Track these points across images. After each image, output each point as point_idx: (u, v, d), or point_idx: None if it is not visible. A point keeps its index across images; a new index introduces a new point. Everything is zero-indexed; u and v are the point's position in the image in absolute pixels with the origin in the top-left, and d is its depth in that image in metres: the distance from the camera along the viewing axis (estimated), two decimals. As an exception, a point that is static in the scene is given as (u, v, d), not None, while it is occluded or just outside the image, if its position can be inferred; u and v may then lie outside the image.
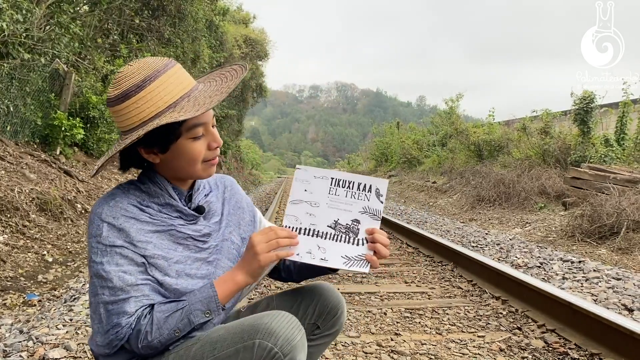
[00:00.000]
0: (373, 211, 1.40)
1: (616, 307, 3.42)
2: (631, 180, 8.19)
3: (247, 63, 1.46)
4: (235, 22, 26.19)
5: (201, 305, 1.24)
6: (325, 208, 1.38)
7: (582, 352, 2.70)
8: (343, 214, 1.39)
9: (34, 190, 6.20)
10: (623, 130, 12.66)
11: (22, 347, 2.59)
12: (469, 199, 12.54)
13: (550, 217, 9.05)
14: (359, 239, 1.38)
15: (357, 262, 1.36)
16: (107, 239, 1.23)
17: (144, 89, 1.24)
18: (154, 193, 1.34)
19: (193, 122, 1.27)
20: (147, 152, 1.31)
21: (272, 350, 1.16)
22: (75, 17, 9.00)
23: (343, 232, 1.37)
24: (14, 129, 7.65)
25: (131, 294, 1.21)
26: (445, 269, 4.91)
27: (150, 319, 1.21)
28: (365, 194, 1.40)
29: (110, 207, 1.26)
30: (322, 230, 1.37)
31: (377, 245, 1.36)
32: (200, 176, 1.37)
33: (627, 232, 6.44)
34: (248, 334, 1.18)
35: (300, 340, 1.20)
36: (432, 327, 3.17)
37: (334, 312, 1.50)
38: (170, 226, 1.32)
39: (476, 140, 17.14)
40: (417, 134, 27.35)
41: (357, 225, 1.39)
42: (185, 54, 14.37)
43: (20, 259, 4.83)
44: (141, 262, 1.25)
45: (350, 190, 1.40)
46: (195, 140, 1.29)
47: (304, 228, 1.36)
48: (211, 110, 1.31)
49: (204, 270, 1.35)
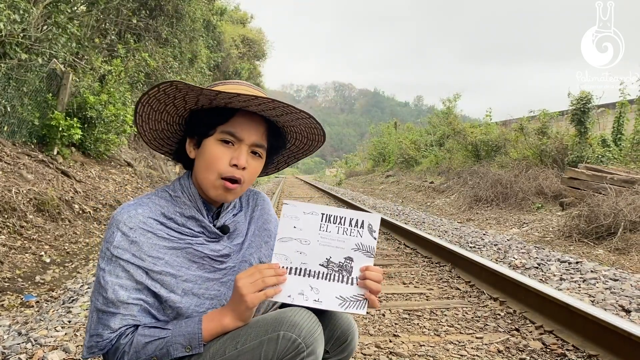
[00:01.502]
0: (366, 248, 1.32)
1: (613, 308, 3.43)
2: (628, 180, 8.22)
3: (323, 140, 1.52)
4: (232, 22, 26.18)
5: (183, 340, 1.22)
6: (317, 246, 1.30)
7: (579, 354, 2.71)
8: (335, 251, 1.31)
9: (31, 190, 6.19)
10: (620, 131, 12.69)
11: (21, 349, 2.58)
12: (466, 199, 12.56)
13: (547, 217, 9.08)
14: (353, 278, 1.30)
15: (353, 302, 1.29)
16: (116, 249, 1.24)
17: (217, 86, 1.35)
18: (182, 204, 1.35)
19: (229, 127, 1.31)
20: (190, 142, 1.38)
21: (296, 341, 1.17)
22: (72, 17, 8.97)
23: (336, 271, 1.30)
24: (11, 129, 7.63)
25: (120, 310, 1.22)
26: (443, 270, 4.92)
27: (130, 341, 1.22)
28: (357, 230, 1.33)
29: (130, 217, 1.27)
30: (314, 269, 1.29)
31: (368, 281, 1.28)
32: (210, 193, 1.34)
33: (624, 233, 6.46)
34: (272, 326, 1.20)
35: (320, 335, 1.23)
36: (431, 329, 3.17)
37: (344, 338, 1.44)
38: (187, 244, 1.32)
39: (473, 140, 17.17)
40: (414, 134, 27.40)
41: (350, 263, 1.31)
42: (183, 53, 14.36)
43: (17, 260, 4.82)
44: (141, 280, 1.25)
45: (342, 226, 1.33)
46: (222, 145, 1.31)
47: (294, 267, 1.28)
48: (254, 135, 1.34)
49: (214, 291, 1.34)
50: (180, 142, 1.43)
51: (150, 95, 1.29)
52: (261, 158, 1.38)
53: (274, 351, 1.18)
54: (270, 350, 1.18)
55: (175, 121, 1.42)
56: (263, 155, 1.39)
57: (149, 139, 1.45)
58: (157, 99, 1.32)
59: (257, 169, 1.38)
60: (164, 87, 1.26)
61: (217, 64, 20.43)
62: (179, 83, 1.24)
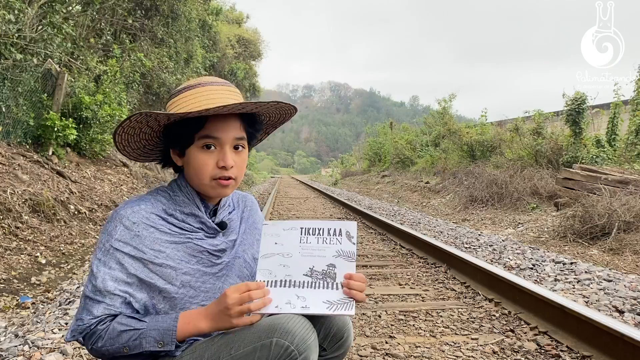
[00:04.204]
0: (347, 253, 1.38)
1: (607, 309, 3.46)
2: (622, 181, 8.28)
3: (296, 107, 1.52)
4: (228, 21, 26.16)
5: (157, 334, 1.25)
6: (299, 257, 1.36)
7: (573, 355, 2.74)
8: (317, 260, 1.36)
9: (26, 191, 6.18)
10: (614, 131, 12.78)
11: (18, 351, 2.58)
12: (461, 200, 12.60)
13: (542, 217, 9.13)
14: (337, 283, 1.35)
15: (340, 305, 1.32)
16: (117, 242, 1.29)
17: (182, 93, 1.38)
18: (181, 202, 1.41)
19: (205, 132, 1.34)
20: (173, 152, 1.43)
21: (289, 349, 1.19)
22: (67, 17, 8.96)
23: (320, 279, 1.35)
24: (6, 129, 7.61)
25: (105, 299, 1.26)
26: (438, 271, 4.94)
27: (107, 328, 1.25)
28: (336, 238, 1.39)
29: (133, 212, 1.33)
30: (299, 279, 1.34)
31: (353, 291, 1.32)
32: (208, 193, 1.40)
33: (618, 233, 6.51)
34: (265, 332, 1.22)
35: (314, 342, 1.25)
36: (426, 330, 3.19)
37: (339, 335, 1.49)
38: (187, 239, 1.37)
39: (469, 140, 17.24)
40: (410, 134, 27.47)
41: (333, 269, 1.36)
42: (179, 53, 14.35)
43: (13, 261, 4.81)
44: (135, 273, 1.29)
45: (322, 236, 1.38)
46: (205, 151, 1.35)
47: (279, 280, 1.33)
48: (232, 132, 1.37)
49: (209, 285, 1.40)
50: (165, 150, 1.47)
51: (124, 127, 1.35)
52: (244, 149, 1.42)
53: (266, 358, 1.20)
54: (263, 357, 1.21)
55: (154, 137, 1.46)
56: (245, 145, 1.43)
57: (135, 157, 1.50)
58: (132, 127, 1.37)
59: (244, 160, 1.43)
60: (135, 117, 1.32)
61: (213, 64, 20.42)
62: (150, 113, 1.30)
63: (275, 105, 1.42)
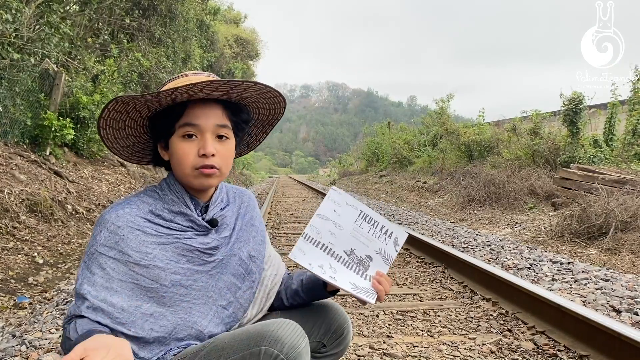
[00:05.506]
0: (386, 255, 1.46)
1: (604, 309, 3.46)
2: (619, 180, 8.29)
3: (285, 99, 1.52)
4: (226, 21, 26.14)
5: None
6: (347, 234, 1.42)
7: (571, 354, 2.74)
8: (361, 246, 1.43)
9: (23, 191, 6.16)
10: (611, 131, 12.79)
11: (16, 351, 2.58)
12: (459, 199, 12.62)
13: (539, 217, 9.14)
14: (368, 274, 1.42)
15: (364, 291, 1.39)
16: (102, 247, 1.30)
17: (165, 85, 1.38)
18: (170, 201, 1.39)
19: (185, 120, 1.33)
20: (160, 147, 1.43)
21: (278, 357, 1.16)
22: (65, 16, 8.94)
23: (356, 263, 1.42)
24: (3, 129, 7.59)
25: (77, 302, 1.28)
26: (436, 271, 4.94)
27: (68, 327, 1.26)
28: (385, 237, 1.46)
29: (118, 216, 1.32)
30: (338, 253, 1.40)
31: (380, 287, 1.42)
32: (193, 184, 1.38)
33: (615, 233, 6.52)
34: (254, 340, 1.19)
35: (305, 348, 1.22)
36: (424, 330, 3.20)
37: (340, 331, 1.51)
38: (175, 239, 1.36)
39: (466, 140, 17.24)
40: (408, 134, 27.45)
41: (369, 261, 1.44)
42: (176, 53, 14.33)
43: (10, 261, 4.80)
44: (118, 277, 1.28)
45: (374, 228, 1.46)
46: (185, 140, 1.34)
47: (322, 243, 1.39)
48: (212, 119, 1.35)
49: (202, 283, 1.38)
50: (155, 147, 1.47)
51: (104, 118, 1.34)
52: (229, 139, 1.40)
53: None
54: None
55: (141, 132, 1.46)
56: (230, 135, 1.40)
57: (127, 156, 1.51)
58: (112, 118, 1.36)
59: (229, 151, 1.40)
60: (111, 105, 1.31)
61: (211, 63, 20.40)
62: (122, 97, 1.29)
63: (256, 89, 1.37)
